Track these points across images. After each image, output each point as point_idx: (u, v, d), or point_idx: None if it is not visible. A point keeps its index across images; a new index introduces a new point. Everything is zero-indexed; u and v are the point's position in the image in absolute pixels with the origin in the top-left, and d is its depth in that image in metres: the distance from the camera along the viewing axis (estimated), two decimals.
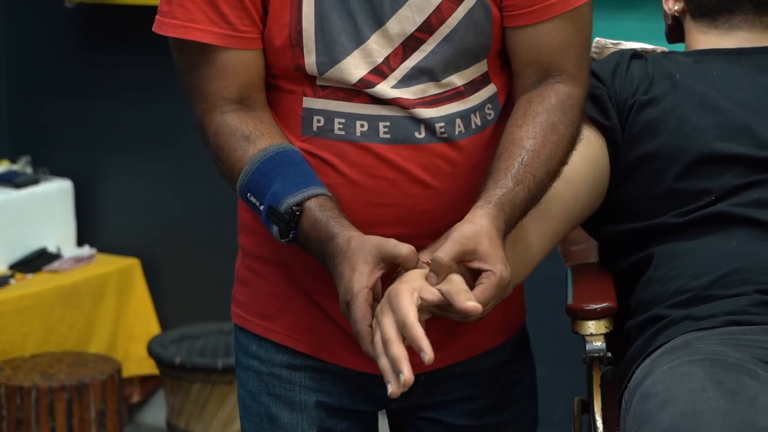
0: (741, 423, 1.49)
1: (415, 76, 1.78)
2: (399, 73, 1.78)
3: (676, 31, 2.15)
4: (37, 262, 3.91)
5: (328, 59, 1.77)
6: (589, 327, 1.89)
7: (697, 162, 1.91)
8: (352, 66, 1.77)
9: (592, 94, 1.95)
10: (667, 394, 1.57)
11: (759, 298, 1.77)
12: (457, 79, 1.80)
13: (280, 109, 1.83)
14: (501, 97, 1.86)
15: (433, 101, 1.79)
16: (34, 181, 4.00)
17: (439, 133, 1.79)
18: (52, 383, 3.55)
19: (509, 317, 1.98)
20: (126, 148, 4.09)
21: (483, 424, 1.97)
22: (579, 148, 1.87)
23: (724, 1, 2.04)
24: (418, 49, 1.78)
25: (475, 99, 1.83)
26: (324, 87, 1.79)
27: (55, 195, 4.04)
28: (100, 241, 4.10)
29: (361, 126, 1.79)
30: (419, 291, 1.62)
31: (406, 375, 1.56)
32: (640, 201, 1.95)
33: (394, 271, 1.68)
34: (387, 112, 1.78)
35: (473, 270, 1.65)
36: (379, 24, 1.77)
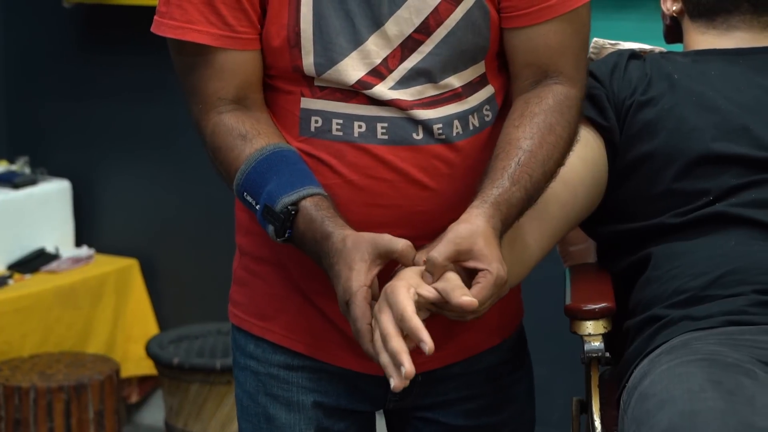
0: (739, 423, 1.49)
1: (413, 78, 1.78)
2: (397, 74, 1.78)
3: (675, 31, 2.15)
4: (35, 262, 3.91)
5: (326, 60, 1.77)
6: (587, 327, 1.89)
7: (696, 162, 1.91)
8: (350, 67, 1.77)
9: (590, 95, 1.95)
10: (666, 394, 1.57)
11: (757, 298, 1.77)
12: (455, 81, 1.80)
13: (277, 109, 1.83)
14: (499, 98, 1.86)
15: (431, 102, 1.79)
16: (32, 182, 3.99)
17: (436, 135, 1.79)
18: (51, 384, 3.55)
19: (506, 317, 1.98)
20: (124, 149, 4.08)
21: (480, 424, 1.97)
22: (577, 149, 1.86)
23: (722, 1, 2.04)
24: (416, 50, 1.78)
25: (473, 100, 1.83)
26: (322, 88, 1.79)
27: (54, 195, 4.03)
28: (98, 241, 4.10)
29: (359, 127, 1.78)
30: (416, 287, 1.62)
31: (407, 367, 1.56)
32: (639, 201, 1.95)
33: (391, 268, 1.68)
34: (385, 113, 1.78)
35: (469, 270, 1.65)
36: (377, 25, 1.77)
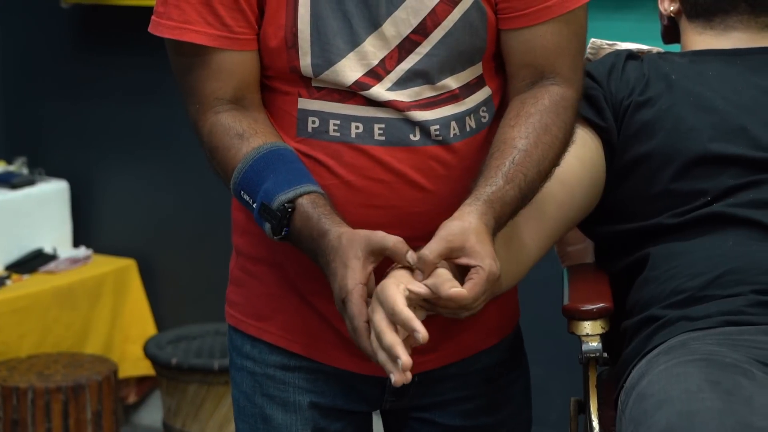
0: (737, 423, 1.49)
1: (411, 79, 1.78)
2: (394, 75, 1.78)
3: (672, 31, 2.15)
4: (33, 262, 3.91)
5: (324, 61, 1.77)
6: (585, 327, 1.89)
7: (693, 162, 1.91)
8: (348, 68, 1.77)
9: (587, 95, 1.95)
10: (663, 394, 1.57)
11: (755, 298, 1.77)
12: (452, 82, 1.80)
13: (275, 110, 1.83)
14: (496, 99, 1.86)
15: (428, 104, 1.79)
16: (30, 182, 3.99)
17: (434, 136, 1.79)
18: (49, 384, 3.55)
19: (503, 318, 1.98)
20: (122, 149, 4.08)
21: (477, 424, 1.97)
22: (575, 149, 1.87)
23: (720, 1, 2.04)
24: (413, 51, 1.77)
25: (470, 102, 1.82)
26: (319, 88, 1.79)
27: (52, 196, 4.03)
28: (96, 241, 4.10)
29: (356, 128, 1.78)
30: (406, 284, 1.62)
31: (404, 359, 1.56)
32: (636, 201, 1.95)
33: (387, 265, 1.68)
34: (382, 114, 1.78)
35: (462, 267, 1.65)
36: (374, 26, 1.77)
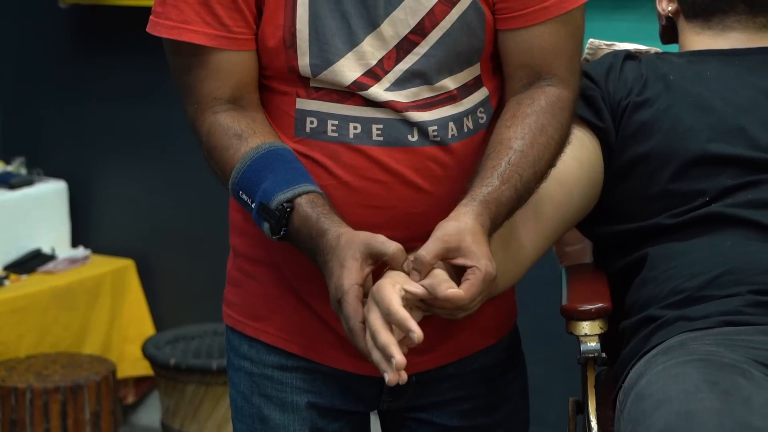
0: (735, 423, 1.49)
1: (409, 79, 1.78)
2: (392, 75, 1.78)
3: (670, 31, 2.15)
4: (31, 263, 3.91)
5: (322, 61, 1.77)
6: (583, 327, 1.89)
7: (691, 163, 1.91)
8: (346, 68, 1.77)
9: (585, 96, 1.95)
10: (662, 394, 1.57)
11: (753, 298, 1.77)
12: (450, 83, 1.80)
13: (273, 110, 1.83)
14: (493, 100, 1.86)
15: (426, 104, 1.79)
16: (28, 182, 4.00)
17: (431, 137, 1.79)
18: (47, 384, 3.55)
19: (501, 318, 1.98)
20: (120, 149, 4.08)
21: (475, 424, 1.97)
22: (572, 150, 1.87)
23: (718, 1, 2.04)
24: (411, 51, 1.77)
25: (468, 102, 1.82)
26: (317, 89, 1.79)
27: (50, 196, 4.03)
28: (94, 242, 4.09)
29: (354, 128, 1.78)
30: (402, 284, 1.62)
31: (398, 358, 1.56)
32: (635, 202, 1.95)
33: (383, 269, 1.68)
34: (380, 114, 1.78)
35: (459, 267, 1.65)
36: (373, 26, 1.76)
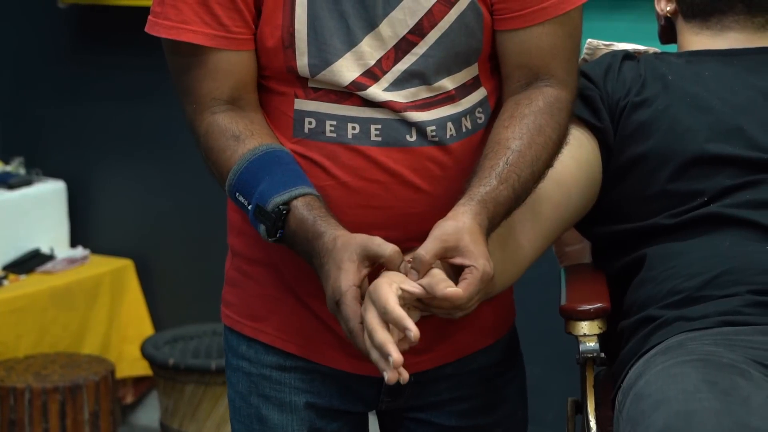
0: (734, 423, 1.49)
1: (407, 80, 1.78)
2: (391, 76, 1.78)
3: (669, 31, 2.15)
4: (30, 263, 3.91)
5: (320, 61, 1.77)
6: (582, 327, 1.89)
7: (690, 163, 1.91)
8: (344, 68, 1.77)
9: (584, 96, 1.95)
10: (660, 394, 1.56)
11: (752, 298, 1.77)
12: (449, 83, 1.80)
13: (271, 110, 1.83)
14: (491, 100, 1.86)
15: (425, 105, 1.79)
16: (27, 182, 4.00)
17: (430, 137, 1.79)
18: (46, 384, 3.55)
19: (499, 318, 1.98)
20: (119, 150, 4.08)
21: (473, 424, 1.97)
22: (571, 150, 1.87)
23: (716, 1, 2.04)
24: (410, 51, 1.77)
25: (466, 102, 1.82)
26: (316, 89, 1.79)
27: (49, 196, 4.03)
28: (93, 242, 4.09)
29: (353, 128, 1.78)
30: (399, 283, 1.62)
31: (395, 356, 1.56)
32: (633, 202, 1.95)
33: (379, 272, 1.67)
34: (379, 114, 1.78)
35: (456, 267, 1.65)
36: (371, 26, 1.76)
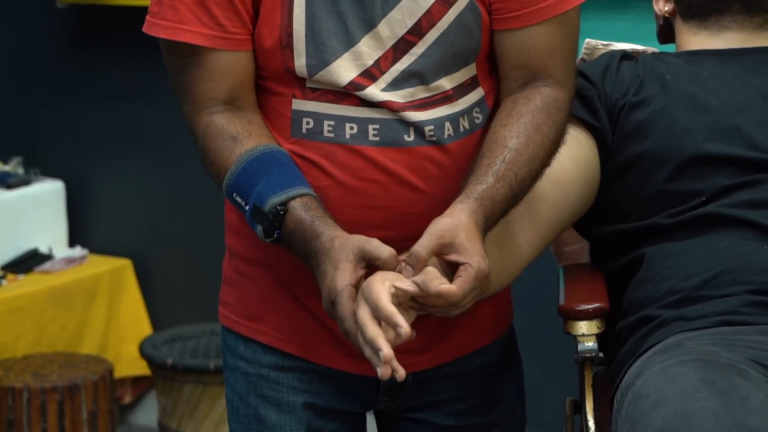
0: (732, 423, 1.49)
1: (405, 80, 1.78)
2: (389, 76, 1.78)
3: (667, 31, 2.15)
4: (28, 262, 3.91)
5: (318, 61, 1.77)
6: (581, 327, 1.89)
7: (688, 163, 1.91)
8: (342, 68, 1.76)
9: (582, 95, 1.95)
10: (659, 394, 1.56)
11: (750, 298, 1.77)
12: (446, 83, 1.80)
13: (269, 110, 1.83)
14: (489, 100, 1.86)
15: (423, 104, 1.79)
16: (25, 182, 3.99)
17: (428, 136, 1.79)
18: (44, 384, 3.54)
19: (497, 318, 1.98)
20: (118, 149, 4.08)
21: (471, 424, 1.97)
22: (569, 150, 1.87)
23: (714, 1, 2.04)
24: (408, 52, 1.77)
25: (464, 102, 1.83)
26: (314, 89, 1.79)
27: (47, 196, 4.03)
28: (91, 241, 4.09)
29: (351, 128, 1.78)
30: (392, 281, 1.62)
31: (385, 351, 1.56)
32: (631, 202, 1.95)
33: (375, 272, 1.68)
34: (376, 114, 1.78)
35: (452, 264, 1.65)
36: (369, 26, 1.76)
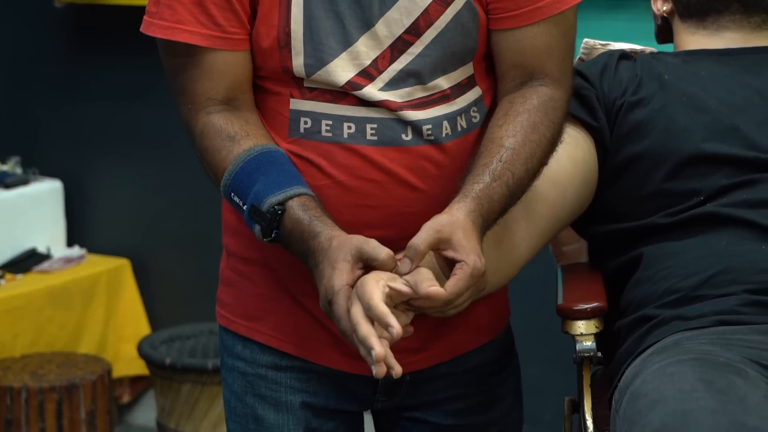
0: (730, 422, 1.49)
1: (403, 79, 1.78)
2: (387, 75, 1.78)
3: (666, 31, 2.15)
4: (27, 262, 3.90)
5: (316, 61, 1.77)
6: (579, 327, 1.89)
7: (686, 162, 1.91)
8: (340, 68, 1.77)
9: (580, 95, 1.95)
10: (657, 393, 1.57)
11: (748, 297, 1.77)
12: (444, 82, 1.80)
13: (266, 110, 1.83)
14: (486, 99, 1.86)
15: (420, 104, 1.79)
16: (23, 182, 3.99)
17: (425, 136, 1.79)
18: (42, 384, 3.54)
19: (494, 317, 1.98)
20: (116, 149, 4.08)
21: (469, 423, 1.97)
22: (567, 149, 1.87)
23: (712, 1, 2.04)
24: (405, 51, 1.78)
25: (461, 102, 1.83)
26: (311, 89, 1.79)
27: (45, 195, 4.03)
28: (90, 241, 4.09)
29: (349, 128, 1.78)
30: (387, 281, 1.62)
31: (377, 350, 1.56)
32: (629, 201, 1.95)
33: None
34: (374, 114, 1.78)
35: (449, 262, 1.65)
36: (367, 26, 1.76)
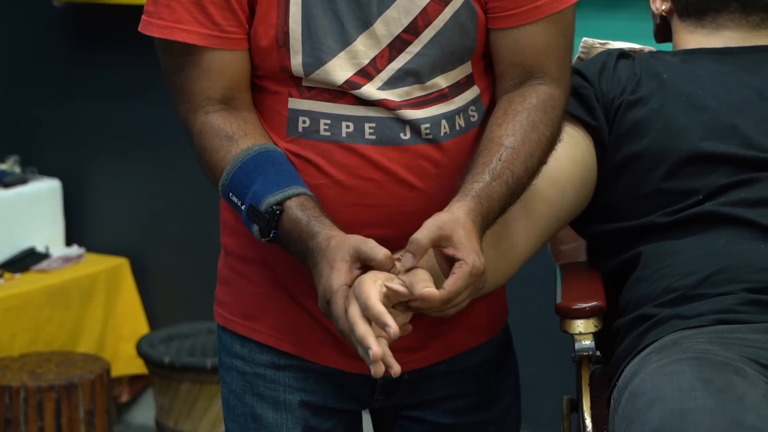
0: (729, 421, 1.49)
1: (401, 78, 1.78)
2: (385, 74, 1.78)
3: (665, 30, 2.15)
4: (25, 261, 3.90)
5: (315, 60, 1.77)
6: (578, 326, 1.89)
7: (685, 161, 1.91)
8: (338, 67, 1.76)
9: (578, 94, 1.95)
10: (656, 392, 1.57)
11: (747, 296, 1.77)
12: (442, 81, 1.80)
13: (265, 109, 1.83)
14: (485, 98, 1.86)
15: (419, 103, 1.79)
16: (22, 181, 3.99)
17: (424, 135, 1.79)
18: (41, 383, 3.54)
19: (492, 316, 1.98)
20: (115, 148, 4.08)
21: (467, 422, 1.98)
22: (565, 148, 1.87)
23: (711, 0, 2.04)
24: (404, 50, 1.77)
25: (460, 101, 1.83)
26: (310, 88, 1.79)
27: (44, 194, 4.03)
28: (88, 240, 4.09)
29: (347, 127, 1.78)
30: (384, 281, 1.62)
31: (374, 349, 1.56)
32: (628, 200, 1.95)
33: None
34: (373, 113, 1.78)
35: (449, 260, 1.66)
36: (366, 25, 1.76)
